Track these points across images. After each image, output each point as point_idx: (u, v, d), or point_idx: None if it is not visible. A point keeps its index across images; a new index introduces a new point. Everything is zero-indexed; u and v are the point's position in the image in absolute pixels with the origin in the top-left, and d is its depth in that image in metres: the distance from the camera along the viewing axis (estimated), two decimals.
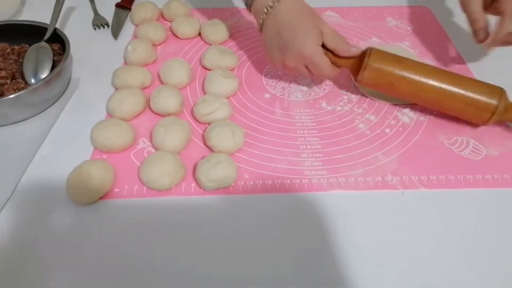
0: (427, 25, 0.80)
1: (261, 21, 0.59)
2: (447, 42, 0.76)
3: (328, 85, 0.66)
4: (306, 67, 0.58)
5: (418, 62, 0.57)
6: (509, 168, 0.54)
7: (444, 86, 0.54)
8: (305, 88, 0.65)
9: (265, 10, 0.58)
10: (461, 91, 0.54)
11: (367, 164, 0.54)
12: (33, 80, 0.59)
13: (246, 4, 0.62)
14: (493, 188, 0.51)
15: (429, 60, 0.71)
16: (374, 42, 0.75)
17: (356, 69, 0.58)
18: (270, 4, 0.57)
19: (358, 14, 0.83)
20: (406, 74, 0.55)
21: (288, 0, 0.57)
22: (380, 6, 0.85)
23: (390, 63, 0.56)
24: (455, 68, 0.69)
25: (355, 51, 0.57)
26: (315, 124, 0.59)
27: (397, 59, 0.56)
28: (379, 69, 0.56)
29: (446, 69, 0.63)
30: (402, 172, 0.53)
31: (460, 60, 0.71)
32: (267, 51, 0.61)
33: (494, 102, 0.53)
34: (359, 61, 0.57)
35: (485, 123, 0.55)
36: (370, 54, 0.56)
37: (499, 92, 0.54)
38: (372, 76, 0.57)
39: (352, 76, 0.62)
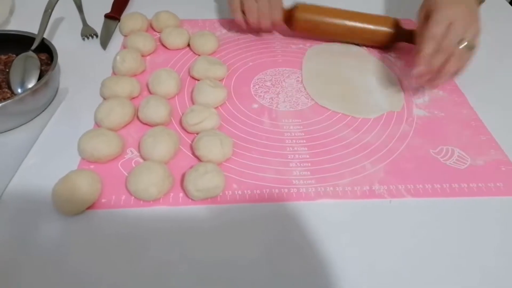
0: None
1: None
2: None
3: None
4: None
5: (334, 9, 0.75)
6: (494, 177, 0.54)
7: (354, 22, 0.74)
8: (293, 98, 0.66)
9: None
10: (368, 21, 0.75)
11: (355, 173, 0.54)
12: (19, 90, 0.59)
13: None
14: (478, 197, 0.52)
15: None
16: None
17: (288, 20, 0.75)
18: None
19: None
20: (325, 19, 0.74)
21: None
22: None
23: (314, 12, 0.74)
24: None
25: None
26: (303, 134, 0.59)
27: (319, 8, 0.75)
28: (305, 18, 0.74)
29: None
30: (389, 181, 0.53)
31: None
32: None
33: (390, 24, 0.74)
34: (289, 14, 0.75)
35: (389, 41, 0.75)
36: (297, 7, 0.74)
37: (392, 19, 0.75)
38: (301, 24, 0.75)
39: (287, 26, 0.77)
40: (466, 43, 0.57)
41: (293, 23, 0.75)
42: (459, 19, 0.58)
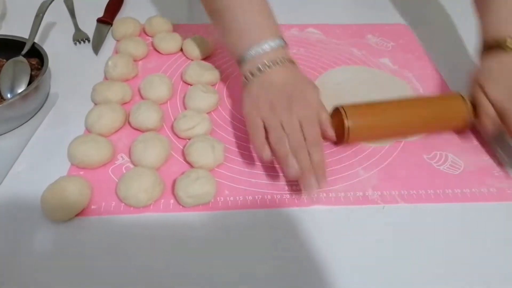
0: (406, 43, 0.82)
1: (257, 70, 0.52)
2: (425, 58, 0.78)
3: None
4: (300, 124, 0.49)
5: (388, 103, 0.57)
6: (487, 182, 0.54)
7: (418, 117, 0.57)
8: None
9: (267, 64, 0.51)
10: (434, 114, 0.57)
11: (348, 179, 0.54)
12: (9, 95, 0.58)
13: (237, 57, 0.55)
14: (471, 202, 0.52)
15: (409, 72, 0.73)
16: (356, 53, 0.77)
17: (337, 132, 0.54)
18: (278, 59, 0.52)
19: (339, 32, 0.84)
20: (383, 122, 0.56)
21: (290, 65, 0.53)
22: (361, 24, 0.87)
23: (367, 117, 0.56)
24: (433, 82, 0.71)
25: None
26: None
27: (370, 110, 0.56)
28: (359, 127, 0.55)
29: (423, 84, 0.68)
30: (382, 187, 0.53)
31: (437, 75, 0.73)
32: (255, 102, 0.51)
33: (463, 110, 0.57)
34: (336, 121, 0.55)
35: (465, 127, 0.59)
36: (345, 114, 0.54)
37: (460, 97, 0.57)
38: (355, 136, 0.56)
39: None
40: None
41: (344, 140, 0.55)
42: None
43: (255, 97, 0.51)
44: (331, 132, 0.51)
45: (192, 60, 0.72)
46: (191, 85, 0.66)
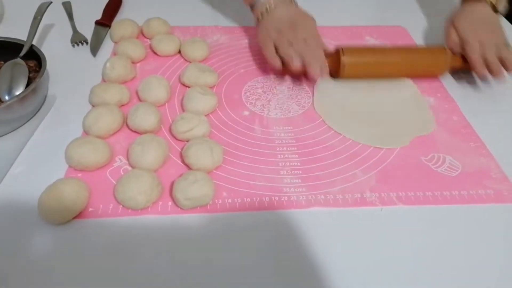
0: (404, 44, 0.82)
1: (265, 10, 0.67)
2: None
3: (307, 102, 0.66)
4: (305, 41, 0.63)
5: (380, 48, 0.72)
6: (484, 184, 0.54)
7: (405, 59, 0.69)
8: (284, 105, 0.65)
9: (273, 4, 0.67)
10: (418, 57, 0.70)
11: (346, 181, 0.54)
12: (7, 97, 0.58)
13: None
14: (469, 204, 0.52)
15: None
16: None
17: (334, 67, 0.67)
18: None
19: (338, 33, 0.84)
20: (376, 60, 0.68)
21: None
22: (359, 25, 0.87)
23: (361, 56, 0.68)
24: (431, 84, 0.71)
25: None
26: (294, 141, 0.59)
27: (366, 51, 0.69)
28: (354, 63, 0.67)
29: (421, 85, 0.70)
30: (380, 189, 0.53)
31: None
32: (266, 31, 0.67)
33: (443, 55, 0.69)
34: (335, 59, 0.67)
35: (442, 71, 0.71)
36: (343, 52, 0.66)
37: (442, 47, 0.70)
38: (350, 71, 0.67)
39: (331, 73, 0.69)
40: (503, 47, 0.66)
41: (340, 71, 0.67)
42: (489, 44, 0.66)
43: (265, 29, 0.67)
44: (325, 45, 0.67)
45: (190, 62, 0.72)
46: (189, 87, 0.66)
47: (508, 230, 0.50)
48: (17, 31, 0.67)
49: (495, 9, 0.71)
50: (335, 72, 0.68)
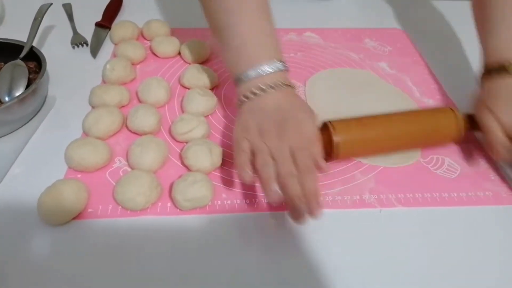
0: (403, 47, 0.82)
1: (251, 93, 0.49)
2: (422, 62, 0.78)
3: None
4: (292, 152, 0.45)
5: (377, 118, 0.55)
6: (483, 186, 0.55)
7: (407, 132, 0.55)
8: None
9: (262, 87, 0.49)
10: (424, 128, 0.56)
11: (345, 182, 0.54)
12: (7, 98, 0.58)
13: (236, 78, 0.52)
14: (467, 206, 0.52)
15: (406, 76, 0.74)
16: (353, 57, 0.77)
17: (324, 146, 0.52)
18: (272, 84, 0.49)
19: (337, 36, 0.84)
20: (372, 137, 0.54)
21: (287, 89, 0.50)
22: (358, 28, 0.87)
23: (355, 132, 0.54)
24: (430, 86, 0.72)
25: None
26: None
27: (359, 125, 0.54)
28: (348, 142, 0.53)
29: (420, 88, 0.69)
30: (379, 190, 0.53)
31: (433, 79, 0.74)
32: (243, 127, 0.49)
33: (454, 124, 0.56)
34: (324, 136, 0.53)
35: (456, 141, 0.59)
36: (333, 128, 0.52)
37: (451, 112, 0.56)
38: (345, 152, 0.53)
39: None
40: None
41: (333, 152, 0.52)
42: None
43: (245, 121, 0.49)
44: (323, 165, 0.46)
45: (190, 63, 0.73)
46: (188, 88, 0.66)
47: (507, 232, 0.50)
48: (17, 33, 0.67)
49: None
50: (327, 154, 0.53)
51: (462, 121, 0.56)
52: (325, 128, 0.53)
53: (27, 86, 0.60)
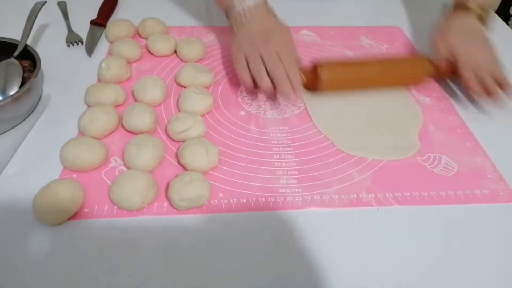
0: (400, 45, 0.82)
1: (239, 21, 0.63)
2: None
3: (303, 103, 0.66)
4: (277, 53, 0.59)
5: (359, 60, 0.69)
6: (480, 184, 0.55)
7: (384, 69, 0.68)
8: (280, 106, 0.65)
9: (248, 15, 0.63)
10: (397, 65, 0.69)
11: (342, 181, 0.54)
12: (0, 97, 0.57)
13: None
14: (465, 204, 0.52)
15: None
16: (350, 55, 0.77)
17: (311, 82, 0.65)
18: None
19: (333, 33, 0.84)
20: (355, 72, 0.67)
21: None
22: (354, 26, 0.87)
23: (340, 69, 0.66)
24: (427, 84, 0.71)
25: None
26: (290, 142, 0.59)
27: (343, 64, 0.68)
28: (332, 76, 0.65)
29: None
30: (376, 189, 0.53)
31: None
32: (238, 43, 0.63)
33: (424, 61, 0.68)
34: (312, 73, 0.65)
35: (422, 80, 0.69)
36: (320, 65, 0.64)
37: (426, 58, 0.69)
38: (328, 85, 0.65)
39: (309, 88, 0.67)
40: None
41: (317, 85, 0.65)
42: (483, 64, 0.64)
43: (238, 41, 0.63)
44: (301, 61, 0.62)
45: (186, 62, 0.72)
46: (184, 87, 0.66)
47: (504, 230, 0.50)
48: (11, 31, 0.66)
49: (481, 21, 0.70)
50: (313, 87, 0.65)
51: (430, 63, 0.68)
52: (313, 66, 0.65)
53: (22, 85, 0.59)
